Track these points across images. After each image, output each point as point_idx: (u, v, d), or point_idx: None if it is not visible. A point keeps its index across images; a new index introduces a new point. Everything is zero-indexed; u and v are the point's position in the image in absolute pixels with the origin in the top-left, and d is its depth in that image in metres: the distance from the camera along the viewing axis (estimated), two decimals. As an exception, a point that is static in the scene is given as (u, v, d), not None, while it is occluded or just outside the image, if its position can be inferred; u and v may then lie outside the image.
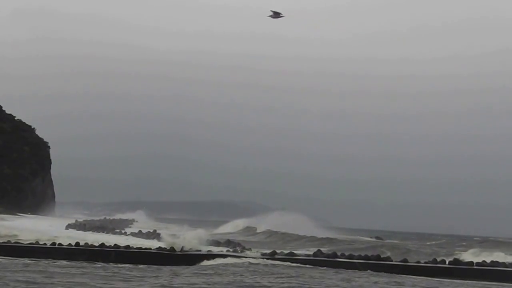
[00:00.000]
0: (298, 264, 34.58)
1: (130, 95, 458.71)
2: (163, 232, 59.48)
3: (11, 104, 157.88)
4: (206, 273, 27.82)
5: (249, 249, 43.73)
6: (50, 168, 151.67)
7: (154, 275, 27.33)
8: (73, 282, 23.74)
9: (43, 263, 32.47)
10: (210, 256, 35.85)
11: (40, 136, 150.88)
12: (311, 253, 39.33)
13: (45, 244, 39.63)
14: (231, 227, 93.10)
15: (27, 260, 33.49)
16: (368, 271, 32.75)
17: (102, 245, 38.74)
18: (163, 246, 39.24)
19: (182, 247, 37.75)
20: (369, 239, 60.92)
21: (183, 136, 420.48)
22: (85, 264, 33.06)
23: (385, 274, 32.08)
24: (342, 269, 32.88)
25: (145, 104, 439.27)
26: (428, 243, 62.01)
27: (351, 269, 33.05)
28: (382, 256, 38.30)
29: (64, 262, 33.35)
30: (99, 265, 32.77)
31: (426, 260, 37.59)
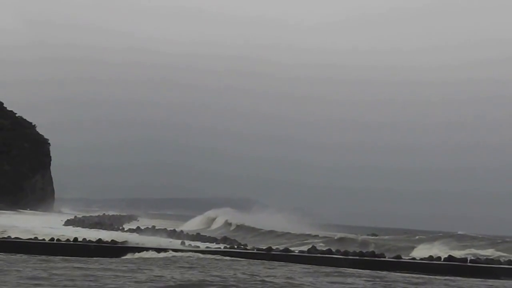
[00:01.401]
0: (227, 257, 33.98)
1: (131, 101, 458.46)
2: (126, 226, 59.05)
3: (13, 103, 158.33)
4: (112, 267, 26.64)
5: (245, 245, 44.50)
6: (50, 165, 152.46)
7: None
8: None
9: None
10: (136, 249, 35.12)
11: (41, 133, 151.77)
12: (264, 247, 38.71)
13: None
14: (199, 221, 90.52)
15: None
16: (282, 262, 32.47)
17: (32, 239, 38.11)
18: (104, 239, 38.51)
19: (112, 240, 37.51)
20: (349, 235, 58.96)
21: (185, 140, 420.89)
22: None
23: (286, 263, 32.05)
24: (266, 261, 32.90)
25: (147, 109, 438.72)
26: (386, 237, 60.90)
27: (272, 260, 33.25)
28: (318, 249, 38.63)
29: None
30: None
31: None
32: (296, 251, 37.97)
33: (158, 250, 35.18)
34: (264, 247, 38.49)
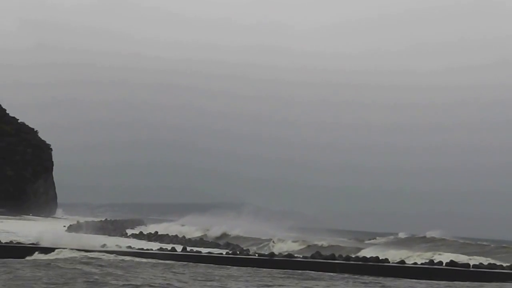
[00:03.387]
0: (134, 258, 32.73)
1: (133, 102, 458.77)
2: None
3: (15, 109, 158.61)
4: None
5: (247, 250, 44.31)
6: (52, 170, 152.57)
7: None
8: None
9: None
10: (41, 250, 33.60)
11: (43, 139, 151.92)
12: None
13: None
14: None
15: None
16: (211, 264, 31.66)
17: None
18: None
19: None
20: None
21: (187, 143, 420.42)
22: None
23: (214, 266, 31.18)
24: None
25: (149, 111, 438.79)
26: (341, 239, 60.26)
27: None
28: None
29: None
30: None
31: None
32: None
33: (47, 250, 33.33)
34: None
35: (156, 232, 65.55)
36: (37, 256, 32.39)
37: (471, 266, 32.21)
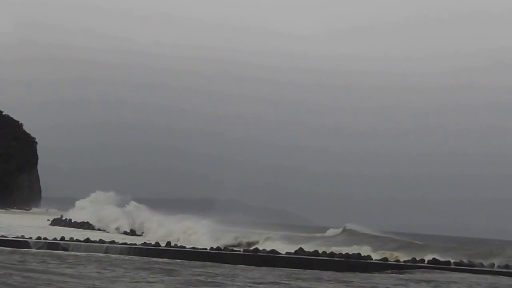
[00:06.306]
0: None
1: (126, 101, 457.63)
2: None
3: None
4: None
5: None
6: (37, 164, 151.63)
7: None
8: None
9: None
10: None
11: (28, 132, 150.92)
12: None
13: None
14: None
15: None
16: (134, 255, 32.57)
17: None
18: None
19: None
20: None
21: (174, 142, 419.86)
22: None
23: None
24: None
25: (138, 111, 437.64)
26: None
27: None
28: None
29: None
30: None
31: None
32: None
33: None
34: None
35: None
36: None
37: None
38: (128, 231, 62.11)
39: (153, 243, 37.80)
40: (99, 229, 63.58)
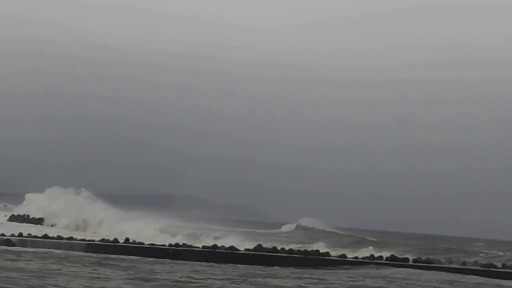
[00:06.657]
0: None
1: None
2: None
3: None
4: None
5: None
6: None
7: None
8: None
9: None
10: None
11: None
12: None
13: None
14: None
15: None
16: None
17: None
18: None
19: None
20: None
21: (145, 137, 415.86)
22: None
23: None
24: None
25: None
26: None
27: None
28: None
29: None
30: None
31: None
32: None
33: None
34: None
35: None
36: None
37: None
38: (81, 226, 61.67)
39: (111, 239, 37.61)
40: (51, 225, 63.25)
